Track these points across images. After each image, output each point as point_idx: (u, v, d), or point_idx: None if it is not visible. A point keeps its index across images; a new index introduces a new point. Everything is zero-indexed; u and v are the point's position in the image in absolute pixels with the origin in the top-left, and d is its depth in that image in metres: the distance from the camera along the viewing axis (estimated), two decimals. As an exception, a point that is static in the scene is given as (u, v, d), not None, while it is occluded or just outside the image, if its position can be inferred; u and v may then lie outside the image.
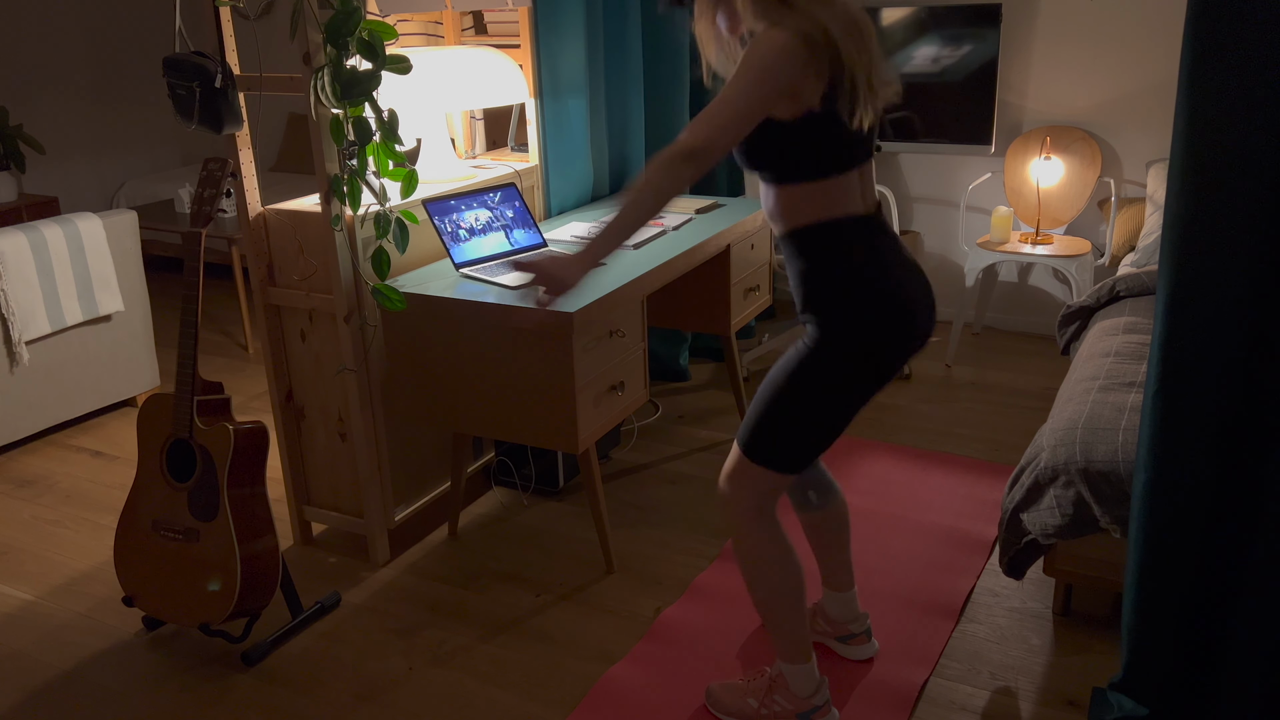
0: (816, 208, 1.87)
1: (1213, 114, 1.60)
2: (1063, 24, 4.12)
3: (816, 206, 1.87)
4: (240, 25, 2.57)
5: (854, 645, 2.37)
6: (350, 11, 2.34)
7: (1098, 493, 2.23)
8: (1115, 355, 2.73)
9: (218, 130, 2.51)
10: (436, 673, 2.40)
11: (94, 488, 3.40)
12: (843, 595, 2.36)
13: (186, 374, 2.35)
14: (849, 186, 1.88)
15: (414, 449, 2.95)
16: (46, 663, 2.49)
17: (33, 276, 3.50)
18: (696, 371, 4.18)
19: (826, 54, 1.75)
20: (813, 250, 1.90)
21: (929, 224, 4.63)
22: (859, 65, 1.79)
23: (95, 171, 6.04)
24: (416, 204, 2.78)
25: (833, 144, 1.83)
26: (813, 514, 2.29)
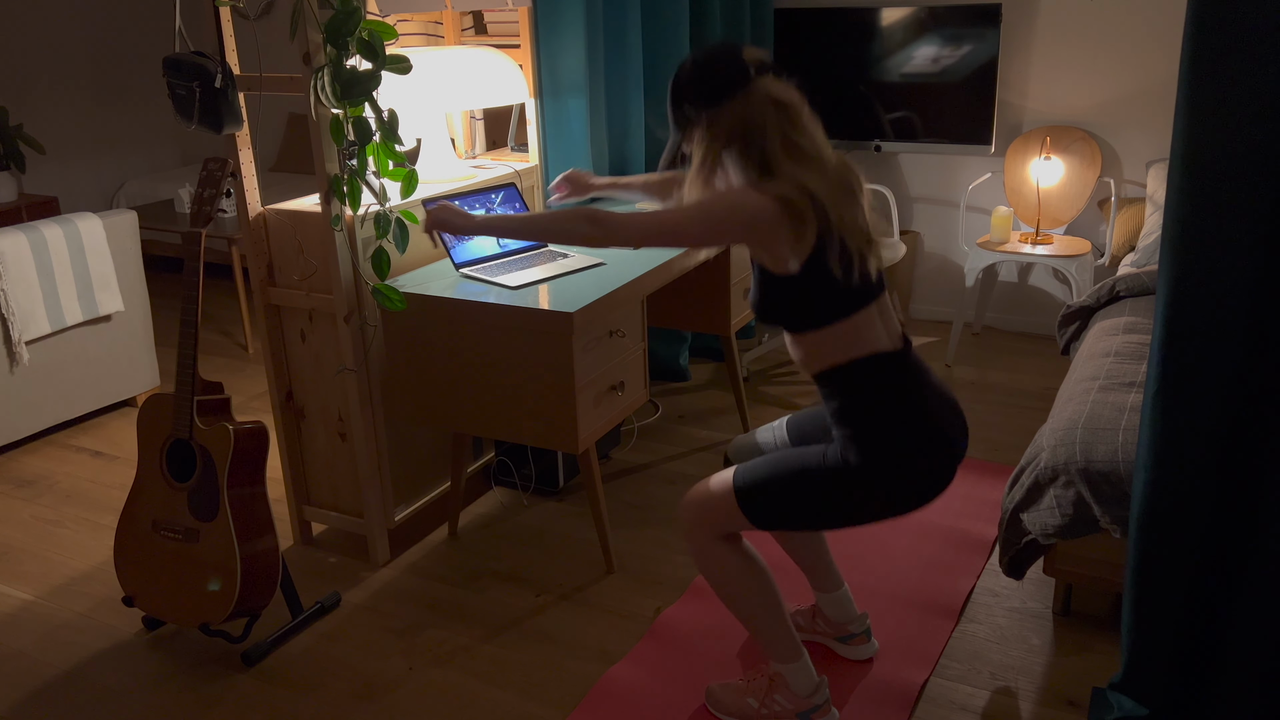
0: (839, 350, 1.89)
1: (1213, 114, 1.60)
2: (1063, 24, 4.12)
3: (839, 349, 1.89)
4: (240, 25, 2.56)
5: (854, 645, 2.37)
6: (350, 11, 2.34)
7: (1098, 493, 2.23)
8: (1115, 355, 2.73)
9: (218, 130, 2.51)
10: (436, 673, 2.40)
11: (94, 488, 3.40)
12: (833, 595, 2.36)
13: (186, 374, 2.35)
14: (868, 324, 1.90)
15: (414, 449, 2.95)
16: (46, 663, 2.49)
17: (33, 276, 3.50)
18: (696, 371, 4.18)
19: (813, 216, 1.80)
20: (844, 391, 1.91)
21: (929, 224, 4.63)
22: (849, 225, 1.84)
23: (95, 171, 6.04)
24: (416, 204, 2.78)
25: (835, 293, 1.86)
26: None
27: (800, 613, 2.45)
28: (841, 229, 1.83)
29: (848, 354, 1.89)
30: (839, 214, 1.83)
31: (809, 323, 1.90)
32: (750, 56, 1.87)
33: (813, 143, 1.88)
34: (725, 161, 1.88)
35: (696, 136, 1.91)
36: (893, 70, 4.32)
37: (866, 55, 4.35)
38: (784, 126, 1.85)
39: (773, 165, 1.84)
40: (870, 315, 1.90)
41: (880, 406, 1.89)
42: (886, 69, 4.33)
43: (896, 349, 1.92)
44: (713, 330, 3.42)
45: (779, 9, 4.43)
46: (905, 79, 4.31)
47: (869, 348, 1.89)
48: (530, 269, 2.70)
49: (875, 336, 1.90)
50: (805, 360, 1.95)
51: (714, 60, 1.88)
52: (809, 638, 2.42)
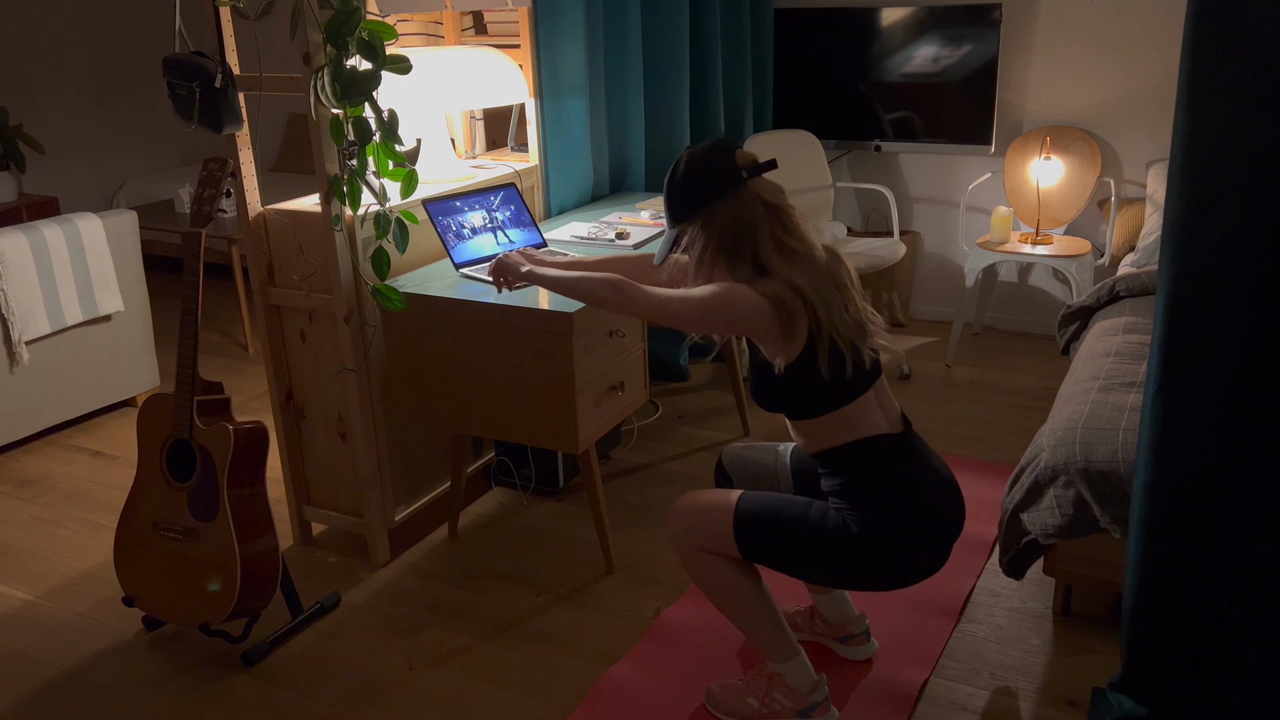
0: (841, 432, 1.97)
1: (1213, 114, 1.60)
2: (1063, 24, 4.12)
3: (840, 432, 1.97)
4: (240, 25, 2.56)
5: (854, 646, 2.38)
6: (350, 11, 2.34)
7: (1098, 493, 2.23)
8: (1115, 355, 2.73)
9: (218, 130, 2.51)
10: (436, 673, 2.40)
11: (94, 488, 3.40)
12: (830, 596, 2.36)
13: (186, 374, 2.35)
14: (867, 409, 1.97)
15: (414, 449, 2.95)
16: (46, 663, 2.49)
17: (33, 276, 3.50)
18: (696, 371, 4.18)
19: (804, 315, 1.87)
20: (847, 468, 1.98)
21: (929, 224, 4.63)
22: (840, 322, 1.90)
23: (95, 171, 6.04)
24: (416, 204, 2.78)
25: (830, 385, 1.92)
26: None
27: (799, 613, 2.45)
28: (832, 328, 1.90)
29: (849, 436, 1.96)
30: (828, 313, 1.90)
31: (807, 411, 1.97)
32: (742, 159, 1.94)
33: (803, 242, 1.95)
34: (719, 259, 1.94)
35: (691, 235, 1.98)
36: (893, 70, 4.32)
37: (866, 55, 4.35)
38: (774, 227, 1.93)
39: (765, 264, 1.91)
40: (867, 401, 1.97)
41: (879, 488, 1.95)
42: (886, 69, 4.33)
43: (896, 431, 1.99)
44: (713, 330, 3.41)
45: (779, 9, 4.43)
46: (905, 79, 4.31)
47: (869, 430, 1.96)
48: (530, 269, 2.70)
49: (874, 420, 1.97)
50: (806, 443, 2.03)
51: (706, 162, 1.95)
52: (808, 638, 2.42)
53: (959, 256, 4.57)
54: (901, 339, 4.49)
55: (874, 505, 1.94)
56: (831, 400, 1.94)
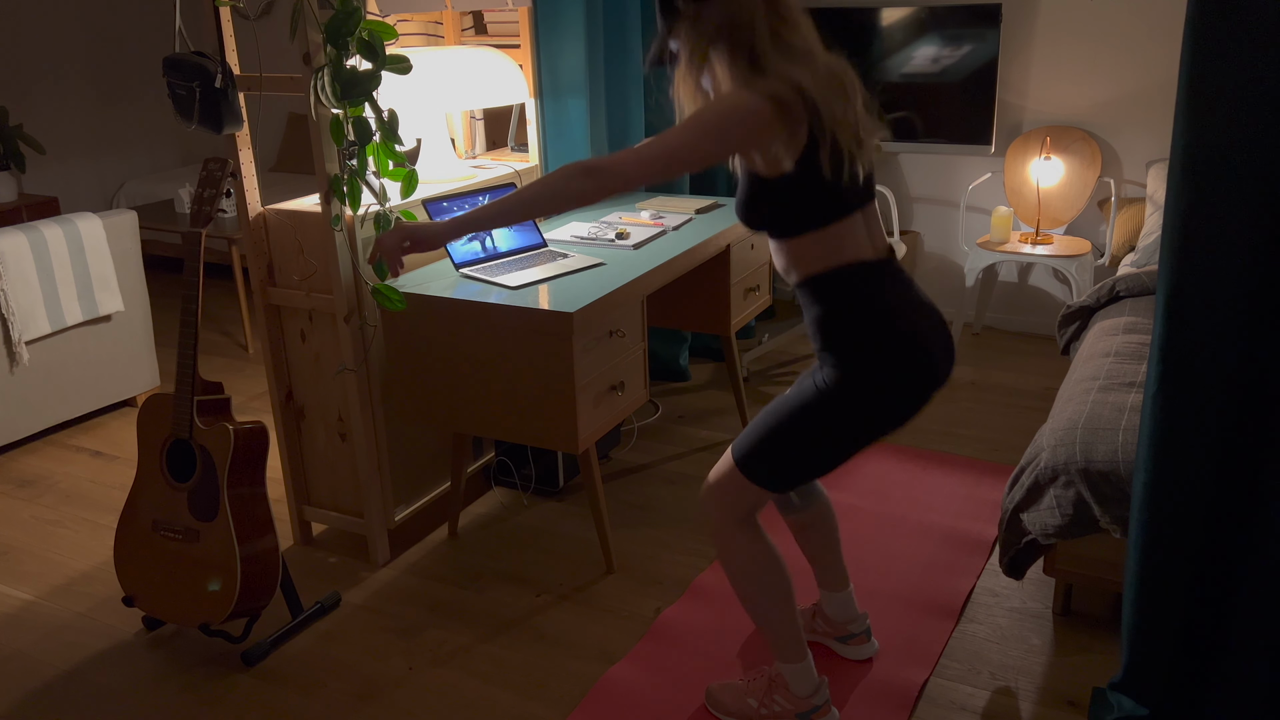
0: (824, 256, 1.86)
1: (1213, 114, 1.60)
2: (1063, 24, 4.12)
3: (823, 255, 1.86)
4: (240, 25, 2.56)
5: (854, 645, 2.37)
6: (350, 11, 2.34)
7: (1098, 493, 2.23)
8: (1115, 355, 2.73)
9: (218, 130, 2.51)
10: (436, 673, 2.40)
11: (94, 488, 3.40)
12: (838, 595, 2.36)
13: (186, 374, 2.35)
14: (853, 232, 1.87)
15: (414, 449, 2.95)
16: (46, 663, 2.49)
17: (33, 276, 3.50)
18: (696, 371, 4.18)
19: (804, 114, 1.76)
20: (826, 297, 1.89)
21: (929, 224, 4.63)
22: (841, 123, 1.80)
23: (95, 171, 6.04)
24: (416, 204, 2.78)
25: (824, 195, 1.83)
26: (797, 516, 2.30)
27: (801, 612, 2.44)
28: (834, 126, 1.79)
29: (830, 261, 1.86)
30: (830, 111, 1.79)
31: (794, 228, 1.86)
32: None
33: (803, 39, 1.83)
34: (713, 59, 1.81)
35: (683, 33, 1.83)
36: (893, 70, 4.32)
37: (866, 55, 4.35)
38: (773, 21, 1.79)
39: (762, 61, 1.77)
40: (856, 222, 1.87)
41: (859, 313, 1.87)
42: (886, 69, 4.33)
43: (880, 259, 1.91)
44: (713, 330, 3.42)
45: (779, 9, 4.42)
46: (905, 79, 4.31)
47: (852, 255, 1.86)
48: (530, 269, 2.70)
49: (859, 244, 1.88)
50: (787, 266, 1.92)
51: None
52: (809, 637, 2.42)
53: (959, 256, 4.57)
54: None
55: (851, 332, 1.86)
56: (820, 215, 1.83)
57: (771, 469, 1.95)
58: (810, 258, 1.87)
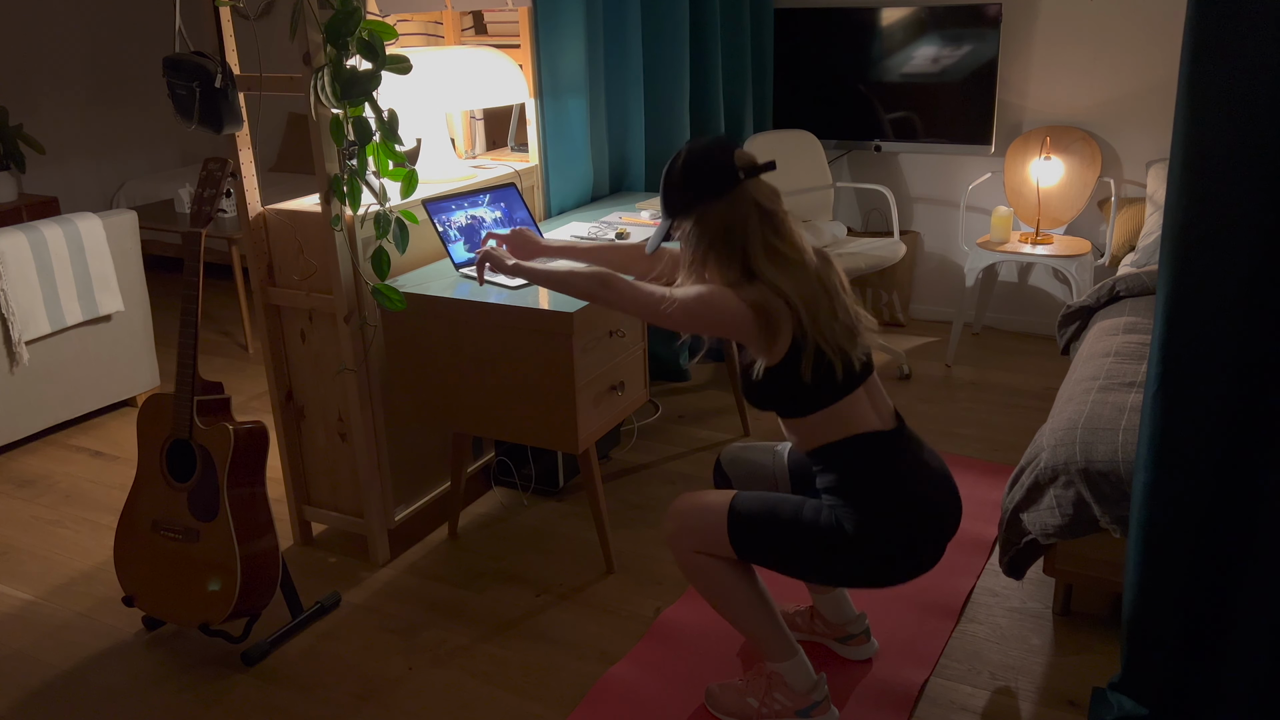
0: (832, 431, 1.97)
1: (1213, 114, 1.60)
2: (1063, 24, 4.12)
3: (831, 430, 1.97)
4: (240, 25, 2.56)
5: (853, 646, 2.38)
6: (350, 11, 2.34)
7: (1098, 493, 2.23)
8: (1115, 355, 2.73)
9: (218, 130, 2.51)
10: (436, 673, 2.40)
11: (94, 488, 3.40)
12: (830, 596, 2.36)
13: (186, 374, 2.35)
14: (857, 407, 1.97)
15: (414, 449, 2.95)
16: (46, 663, 2.49)
17: (33, 276, 3.50)
18: (696, 371, 4.18)
19: (789, 321, 1.88)
20: (837, 465, 1.98)
21: (929, 224, 4.63)
22: (824, 329, 1.90)
23: (95, 171, 6.04)
24: (416, 204, 2.78)
25: (824, 380, 1.92)
26: None
27: (799, 613, 2.45)
28: (818, 336, 1.90)
29: (839, 434, 1.96)
30: (815, 321, 1.90)
31: (797, 410, 1.97)
32: (741, 160, 1.94)
33: (794, 247, 1.95)
34: (709, 258, 1.95)
35: (684, 230, 1.98)
36: (893, 70, 4.32)
37: (866, 55, 4.35)
38: (766, 231, 1.92)
39: (753, 268, 1.91)
40: (857, 399, 1.97)
41: (871, 485, 1.95)
42: (886, 69, 4.33)
43: (888, 428, 1.99)
44: (713, 330, 3.41)
45: (779, 9, 4.42)
46: (905, 79, 4.31)
47: (860, 428, 1.96)
48: (530, 269, 2.70)
49: (865, 418, 1.97)
50: (798, 441, 2.04)
51: (705, 160, 1.95)
52: (808, 638, 2.42)
53: (959, 256, 4.57)
54: (901, 339, 4.49)
55: (867, 502, 1.94)
56: (820, 400, 1.94)
57: (757, 551, 2.01)
58: (819, 432, 1.98)
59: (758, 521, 1.99)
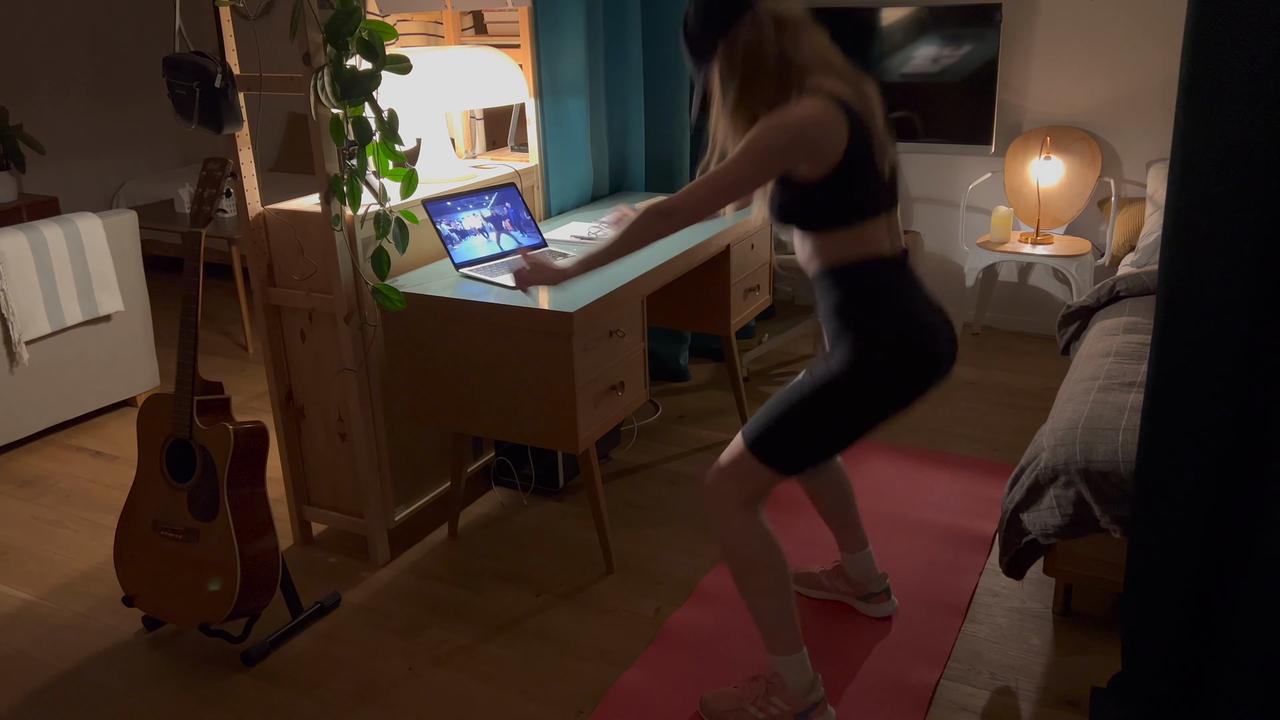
0: (848, 250, 1.97)
1: (1213, 114, 1.60)
2: (1063, 24, 4.12)
3: (848, 249, 1.97)
4: (240, 25, 2.57)
5: (875, 604, 2.49)
6: (350, 11, 2.34)
7: (1098, 493, 2.23)
8: (1115, 355, 2.73)
9: (218, 130, 2.51)
10: (436, 673, 2.40)
11: (94, 488, 3.40)
12: (857, 555, 2.47)
13: (186, 374, 2.35)
14: (877, 230, 1.98)
15: (414, 449, 2.95)
16: (46, 663, 2.49)
17: (33, 276, 3.50)
18: (696, 371, 4.18)
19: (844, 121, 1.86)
20: (844, 286, 1.98)
21: (929, 224, 4.63)
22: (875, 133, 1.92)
23: (95, 171, 6.04)
24: (416, 204, 2.78)
25: (858, 194, 1.93)
26: (814, 482, 2.42)
27: (824, 573, 2.57)
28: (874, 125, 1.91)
29: (852, 255, 1.97)
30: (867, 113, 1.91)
31: (825, 224, 1.95)
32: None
33: (821, 52, 1.94)
34: (750, 88, 1.91)
35: (716, 73, 1.94)
36: (893, 70, 4.32)
37: (866, 55, 4.35)
38: (787, 42, 1.91)
39: (794, 80, 1.89)
40: (880, 223, 1.98)
41: (874, 303, 1.96)
42: (886, 69, 4.33)
43: (896, 256, 2.01)
44: (713, 330, 3.42)
45: (779, 9, 4.42)
46: (905, 79, 4.31)
47: (872, 251, 1.97)
48: (530, 269, 2.70)
49: (880, 242, 1.98)
50: (810, 257, 2.03)
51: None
52: (831, 596, 2.55)
53: (959, 256, 4.57)
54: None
55: (864, 318, 1.95)
56: (850, 214, 1.93)
57: (783, 449, 2.00)
58: (835, 251, 1.98)
59: (769, 426, 2.00)
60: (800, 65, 1.91)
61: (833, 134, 1.86)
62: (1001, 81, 4.21)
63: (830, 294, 2.00)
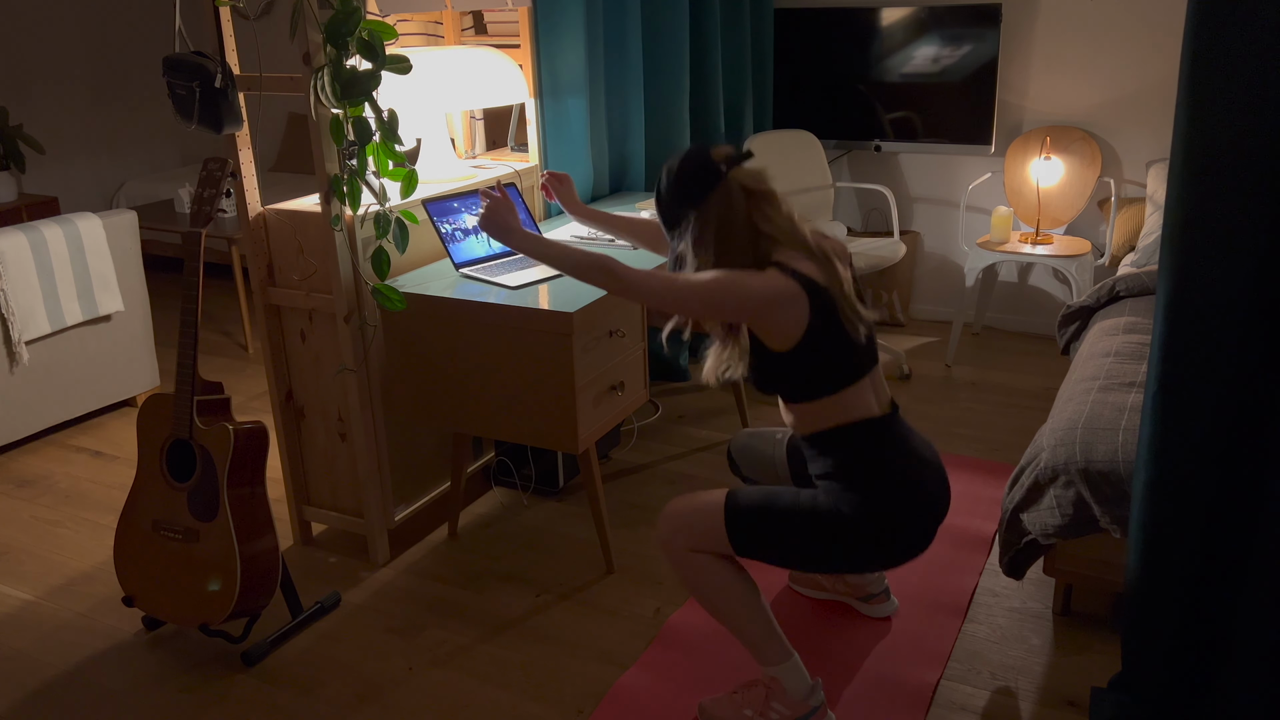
0: (833, 416, 1.99)
1: (1213, 113, 1.60)
2: (1063, 24, 4.12)
3: (833, 415, 1.99)
4: (240, 25, 2.56)
5: (874, 604, 2.49)
6: (350, 11, 2.34)
7: (1098, 493, 2.23)
8: (1115, 355, 2.73)
9: (218, 130, 2.51)
10: (436, 673, 2.40)
11: (94, 488, 3.40)
12: None
13: (186, 374, 2.35)
14: (861, 393, 1.99)
15: (414, 449, 2.95)
16: (46, 663, 2.49)
17: (33, 276, 3.50)
18: (696, 372, 4.18)
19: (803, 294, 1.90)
20: (834, 451, 2.01)
21: (929, 224, 4.63)
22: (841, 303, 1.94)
23: (95, 171, 6.04)
24: (416, 204, 2.78)
25: (834, 364, 1.95)
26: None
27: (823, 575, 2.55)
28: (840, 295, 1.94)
29: (840, 420, 1.99)
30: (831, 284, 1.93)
31: (807, 395, 1.99)
32: (718, 154, 1.98)
33: (789, 227, 1.98)
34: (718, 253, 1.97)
35: (688, 239, 2.00)
36: (893, 70, 4.32)
37: (866, 55, 4.35)
38: (761, 214, 1.97)
39: (760, 250, 1.95)
40: (864, 385, 2.00)
41: (866, 469, 1.98)
42: (886, 69, 4.33)
43: (885, 414, 2.02)
44: (713, 330, 3.41)
45: (779, 9, 4.43)
46: (905, 79, 4.31)
47: (860, 414, 1.99)
48: (530, 269, 2.70)
49: (865, 404, 2.00)
50: (797, 424, 2.06)
51: (686, 166, 1.99)
52: (832, 597, 2.55)
53: (959, 256, 4.57)
54: (901, 339, 4.49)
55: (863, 485, 1.96)
56: (832, 383, 1.96)
57: (755, 543, 2.02)
58: (819, 418, 2.01)
59: (755, 514, 2.00)
60: (770, 235, 1.95)
61: (792, 311, 1.89)
62: (1001, 81, 4.21)
63: (820, 460, 2.02)
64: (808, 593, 2.60)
